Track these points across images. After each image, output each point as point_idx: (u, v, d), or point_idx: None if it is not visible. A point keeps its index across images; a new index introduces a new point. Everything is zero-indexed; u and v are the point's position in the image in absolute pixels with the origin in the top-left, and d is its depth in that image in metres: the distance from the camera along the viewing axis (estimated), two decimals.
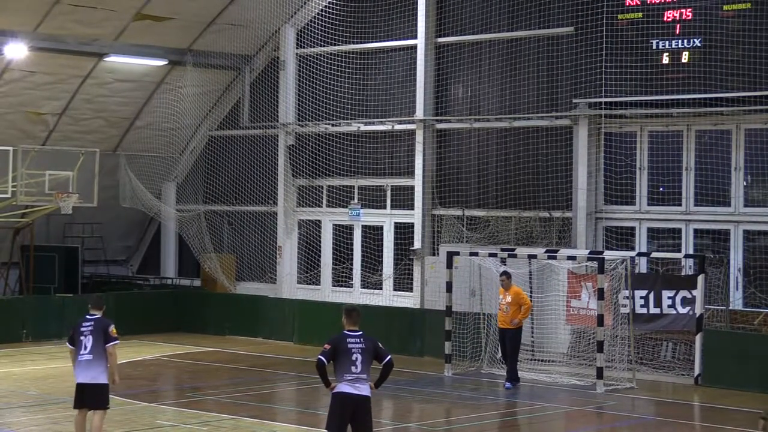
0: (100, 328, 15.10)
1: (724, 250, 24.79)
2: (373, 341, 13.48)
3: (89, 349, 15.05)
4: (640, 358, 24.12)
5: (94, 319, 15.27)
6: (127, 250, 35.51)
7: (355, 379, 13.25)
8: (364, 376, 13.31)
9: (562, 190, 26.75)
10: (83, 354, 15.08)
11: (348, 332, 13.42)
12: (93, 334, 15.07)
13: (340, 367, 13.27)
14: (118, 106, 32.08)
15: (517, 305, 22.60)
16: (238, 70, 32.84)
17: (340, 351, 13.28)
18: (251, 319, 30.49)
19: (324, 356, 13.25)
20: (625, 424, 19.28)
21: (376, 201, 30.34)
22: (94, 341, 15.04)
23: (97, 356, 15.05)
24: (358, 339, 13.35)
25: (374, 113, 30.19)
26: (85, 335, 15.10)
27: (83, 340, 15.09)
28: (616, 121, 26.07)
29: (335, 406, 13.36)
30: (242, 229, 33.04)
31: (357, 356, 13.25)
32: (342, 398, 13.27)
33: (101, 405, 15.21)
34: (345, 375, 13.23)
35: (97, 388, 15.14)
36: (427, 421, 19.54)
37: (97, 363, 15.07)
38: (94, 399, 15.18)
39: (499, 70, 28.08)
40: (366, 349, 13.33)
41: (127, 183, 32.55)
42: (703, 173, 25.08)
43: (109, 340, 15.07)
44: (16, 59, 28.83)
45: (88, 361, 15.05)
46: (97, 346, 15.04)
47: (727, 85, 24.06)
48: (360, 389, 13.26)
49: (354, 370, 13.23)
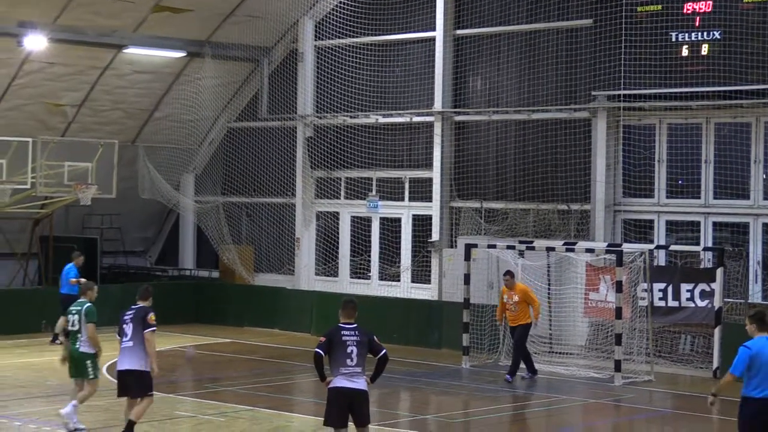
0: (139, 315, 15.39)
1: (743, 243, 24.73)
2: (368, 334, 13.44)
3: (129, 336, 15.38)
4: (659, 351, 24.07)
5: (137, 308, 15.55)
6: (145, 241, 35.59)
7: (351, 373, 13.22)
8: (359, 370, 13.26)
9: (581, 182, 26.70)
10: (125, 341, 15.41)
11: (342, 325, 13.39)
12: (133, 322, 15.38)
13: (335, 360, 13.24)
14: (136, 98, 32.15)
15: (525, 303, 22.48)
16: (257, 61, 32.86)
17: (335, 343, 13.24)
18: (269, 310, 30.54)
19: (321, 349, 13.23)
20: (643, 417, 19.26)
21: (394, 193, 30.34)
22: (134, 328, 15.35)
23: (137, 343, 15.34)
24: (353, 332, 13.31)
25: (392, 105, 30.18)
26: (127, 323, 15.45)
27: (125, 328, 15.44)
28: (635, 113, 26.00)
29: (332, 400, 13.35)
30: (261, 221, 33.08)
31: (352, 349, 13.20)
32: (338, 392, 13.25)
33: (142, 392, 15.41)
34: (341, 368, 13.20)
35: (136, 375, 15.34)
36: (444, 413, 19.56)
37: (137, 350, 15.33)
38: (135, 386, 15.39)
39: (518, 62, 28.04)
40: (361, 341, 13.28)
41: (146, 174, 32.62)
42: (723, 166, 25.00)
43: (147, 326, 15.31)
44: (35, 51, 28.91)
45: (129, 348, 15.37)
46: (137, 334, 15.33)
47: (747, 78, 23.97)
48: (356, 383, 13.25)
49: (349, 363, 13.19)
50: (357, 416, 13.37)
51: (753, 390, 12.66)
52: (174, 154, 32.94)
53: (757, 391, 12.64)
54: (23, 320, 28.39)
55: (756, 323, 12.87)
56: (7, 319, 28.10)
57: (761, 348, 12.68)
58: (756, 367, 12.63)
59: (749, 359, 12.64)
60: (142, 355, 15.35)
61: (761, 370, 12.62)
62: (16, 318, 28.32)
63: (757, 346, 12.70)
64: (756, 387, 12.64)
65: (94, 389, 16.73)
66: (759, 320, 12.88)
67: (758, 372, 12.62)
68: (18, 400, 19.39)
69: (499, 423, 18.92)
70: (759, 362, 12.63)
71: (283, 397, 20.57)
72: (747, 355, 12.65)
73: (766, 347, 12.70)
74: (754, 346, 12.72)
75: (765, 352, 12.65)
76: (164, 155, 32.80)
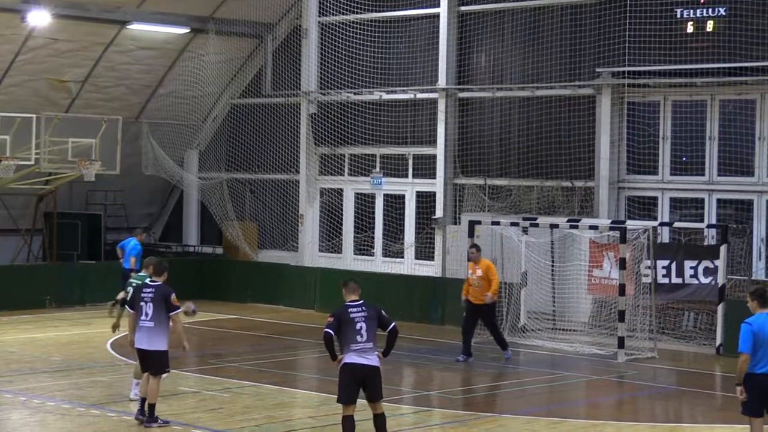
0: (161, 296, 15.38)
1: (747, 220, 24.71)
2: (375, 309, 13.52)
3: (150, 316, 15.37)
4: (662, 327, 24.09)
5: (155, 286, 15.55)
6: (149, 217, 35.61)
7: (362, 349, 13.26)
8: (371, 345, 13.32)
9: (585, 159, 26.67)
10: (144, 321, 15.39)
11: (349, 303, 13.46)
12: (154, 302, 15.37)
13: (345, 338, 13.29)
14: (140, 74, 32.12)
15: (487, 280, 21.83)
16: (261, 38, 32.80)
17: (343, 322, 13.30)
18: (273, 286, 30.58)
19: (330, 328, 13.28)
20: (646, 394, 19.29)
21: (398, 170, 30.32)
22: (155, 309, 15.35)
23: (158, 324, 15.36)
24: (360, 308, 13.39)
25: (396, 82, 30.12)
26: (146, 302, 15.41)
27: (143, 307, 15.40)
28: (639, 90, 25.95)
29: (345, 377, 13.39)
30: (264, 197, 33.08)
31: (361, 325, 13.27)
32: (351, 369, 13.30)
33: (161, 370, 15.51)
34: (351, 345, 13.25)
35: (157, 355, 15.41)
36: (447, 389, 19.61)
37: (158, 330, 15.37)
38: (155, 364, 15.45)
39: (522, 38, 27.97)
40: (369, 316, 13.36)
41: (150, 150, 32.63)
42: (727, 143, 24.97)
43: (172, 308, 15.38)
44: (39, 26, 28.87)
45: (150, 328, 15.36)
46: (159, 314, 15.34)
47: (752, 55, 23.92)
48: (369, 359, 13.29)
49: (360, 339, 13.26)
50: (370, 391, 13.41)
51: (756, 366, 12.73)
52: (177, 130, 32.94)
53: (759, 366, 12.72)
54: (27, 296, 28.46)
55: (757, 299, 12.94)
56: (11, 295, 28.16)
57: (762, 324, 12.75)
58: (758, 343, 12.69)
59: (753, 335, 12.70)
60: (163, 336, 15.40)
61: (762, 346, 12.68)
62: (20, 294, 28.38)
63: (758, 323, 12.77)
64: (758, 362, 12.72)
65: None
66: (760, 296, 12.95)
67: (760, 348, 12.68)
68: (23, 375, 19.45)
69: (502, 399, 18.96)
70: (760, 339, 12.69)
71: (286, 373, 20.61)
72: (750, 331, 12.72)
73: (767, 323, 12.76)
74: (755, 322, 12.79)
75: (766, 328, 12.72)
76: (168, 131, 32.80)
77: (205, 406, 17.20)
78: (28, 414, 16.31)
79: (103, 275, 29.55)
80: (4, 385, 18.36)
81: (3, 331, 24.82)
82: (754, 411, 12.94)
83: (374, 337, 13.38)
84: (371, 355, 13.33)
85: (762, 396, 12.82)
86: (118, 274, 26.55)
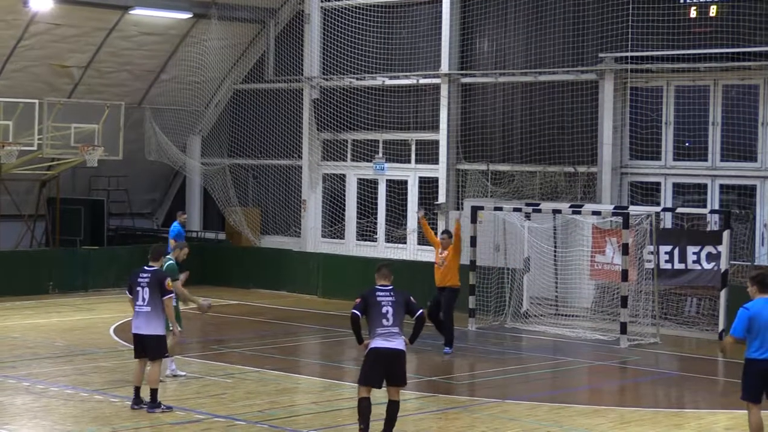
0: (156, 281, 15.45)
1: (750, 206, 24.70)
2: (404, 294, 13.64)
3: (147, 301, 15.46)
4: (665, 313, 24.10)
5: (151, 271, 15.61)
6: (152, 203, 35.63)
7: (388, 333, 13.33)
8: (396, 330, 13.39)
9: (587, 144, 26.65)
10: (140, 306, 15.50)
11: (378, 286, 13.58)
12: (149, 287, 15.46)
13: (372, 320, 13.40)
14: (142, 59, 32.08)
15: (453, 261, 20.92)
16: (263, 23, 32.75)
17: (370, 304, 13.42)
18: (275, 272, 30.60)
19: (357, 309, 13.41)
20: (649, 379, 19.31)
21: (400, 155, 30.31)
22: (150, 293, 15.44)
23: (154, 308, 15.45)
24: (388, 292, 13.50)
25: (399, 67, 30.09)
26: (142, 287, 15.51)
27: (140, 292, 15.51)
28: (642, 75, 25.91)
29: (370, 360, 13.46)
30: (267, 183, 33.08)
31: (388, 309, 13.37)
32: (377, 353, 13.37)
33: (159, 355, 15.58)
34: (377, 329, 13.36)
35: (154, 340, 15.49)
36: (450, 375, 19.63)
37: (154, 315, 15.46)
38: (152, 350, 15.51)
39: (525, 23, 27.93)
40: (396, 301, 13.46)
41: (152, 136, 32.62)
42: (730, 128, 24.94)
43: (165, 293, 15.45)
44: (41, 12, 28.83)
45: (146, 313, 15.47)
46: (154, 299, 15.44)
47: (755, 39, 23.89)
48: (394, 343, 13.34)
49: (385, 323, 13.35)
50: (393, 377, 13.48)
51: (755, 352, 12.69)
52: (180, 115, 32.92)
53: (759, 352, 12.68)
54: (30, 282, 28.50)
55: (757, 285, 12.87)
56: (14, 281, 28.21)
57: (760, 309, 12.69)
58: (756, 329, 12.63)
59: (748, 321, 12.63)
60: (159, 321, 15.50)
61: (761, 331, 12.62)
62: (23, 279, 28.43)
63: (756, 308, 12.71)
64: (758, 348, 12.69)
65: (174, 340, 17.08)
66: (760, 282, 12.88)
67: (758, 333, 12.63)
68: (26, 361, 19.48)
69: (505, 385, 18.97)
70: (758, 324, 12.62)
71: (289, 359, 20.64)
72: (746, 316, 12.67)
73: (765, 309, 12.69)
74: (753, 307, 12.73)
75: (764, 313, 12.66)
76: (170, 117, 32.78)
77: (208, 391, 17.23)
78: (31, 399, 16.34)
79: (106, 261, 29.59)
80: (8, 371, 18.40)
81: (6, 317, 24.86)
82: (752, 396, 12.89)
83: (400, 322, 13.46)
84: (397, 338, 13.40)
85: (761, 382, 12.77)
86: (121, 260, 26.61)
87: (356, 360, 20.91)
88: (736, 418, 15.39)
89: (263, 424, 15.01)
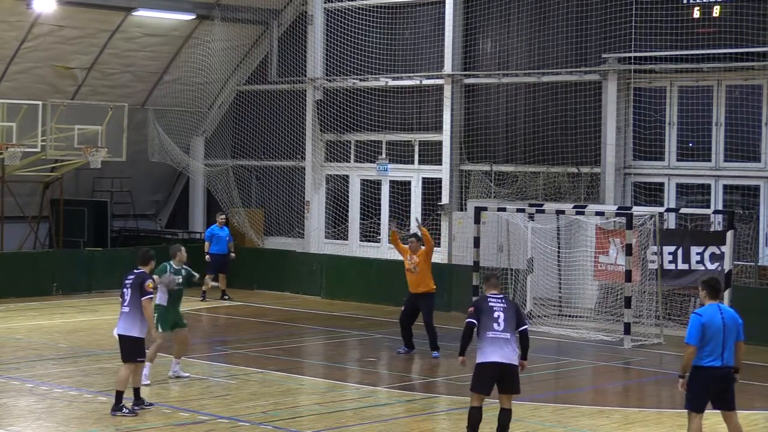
0: (138, 282, 15.46)
1: (754, 206, 24.69)
2: (515, 304, 13.98)
3: (127, 301, 15.51)
4: (668, 313, 24.09)
5: (137, 273, 15.65)
6: (155, 204, 35.65)
7: (498, 338, 13.45)
8: (508, 336, 13.53)
9: (591, 145, 26.65)
10: (123, 306, 15.56)
11: (489, 295, 13.85)
12: (131, 288, 15.48)
13: (483, 325, 13.60)
14: (146, 61, 32.11)
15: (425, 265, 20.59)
16: (266, 24, 32.77)
17: (482, 310, 13.67)
18: (279, 273, 30.59)
19: (472, 318, 13.67)
20: (652, 380, 19.30)
21: (403, 156, 30.31)
22: (131, 294, 15.46)
23: (133, 309, 15.45)
24: (499, 299, 13.76)
25: (402, 68, 30.10)
26: (126, 288, 15.55)
27: (125, 293, 15.57)
28: (645, 76, 25.90)
29: (482, 372, 13.60)
30: (270, 184, 33.08)
31: (499, 314, 13.56)
32: (491, 366, 13.47)
33: (131, 357, 15.45)
34: (488, 333, 13.52)
35: (128, 340, 15.46)
36: (454, 376, 19.61)
37: (132, 315, 15.45)
38: (124, 350, 15.49)
39: (528, 24, 27.93)
40: (508, 308, 13.69)
41: (156, 137, 32.64)
42: (734, 128, 24.93)
43: (144, 294, 15.41)
44: (44, 13, 28.85)
45: (125, 314, 15.51)
46: (134, 300, 15.44)
47: (759, 40, 23.86)
48: (507, 355, 13.48)
49: (496, 327, 13.52)
50: (506, 386, 13.61)
51: (705, 359, 12.28)
52: (183, 117, 32.94)
53: (708, 359, 12.28)
54: (34, 283, 28.51)
55: (707, 290, 12.51)
56: (18, 282, 28.22)
57: (712, 316, 12.33)
58: (708, 335, 12.22)
59: (702, 327, 12.23)
60: (137, 322, 15.42)
61: (713, 338, 12.22)
62: (27, 281, 28.44)
63: (708, 314, 12.34)
64: (708, 355, 12.30)
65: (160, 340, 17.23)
66: (710, 287, 12.51)
67: (710, 341, 12.23)
68: (30, 362, 19.49)
69: None
70: (710, 331, 12.22)
71: (293, 360, 20.63)
72: (699, 322, 12.30)
73: (717, 315, 12.33)
74: (705, 313, 12.36)
75: (716, 320, 12.29)
76: (174, 118, 32.80)
77: (211, 392, 17.24)
78: (35, 401, 16.35)
79: (110, 262, 29.59)
80: (12, 372, 18.41)
81: (10, 318, 24.88)
82: (696, 406, 12.50)
83: (511, 328, 13.58)
84: (508, 348, 13.50)
85: (706, 391, 12.39)
86: (125, 262, 26.57)
87: (359, 361, 20.96)
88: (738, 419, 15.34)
89: (267, 425, 15.01)
